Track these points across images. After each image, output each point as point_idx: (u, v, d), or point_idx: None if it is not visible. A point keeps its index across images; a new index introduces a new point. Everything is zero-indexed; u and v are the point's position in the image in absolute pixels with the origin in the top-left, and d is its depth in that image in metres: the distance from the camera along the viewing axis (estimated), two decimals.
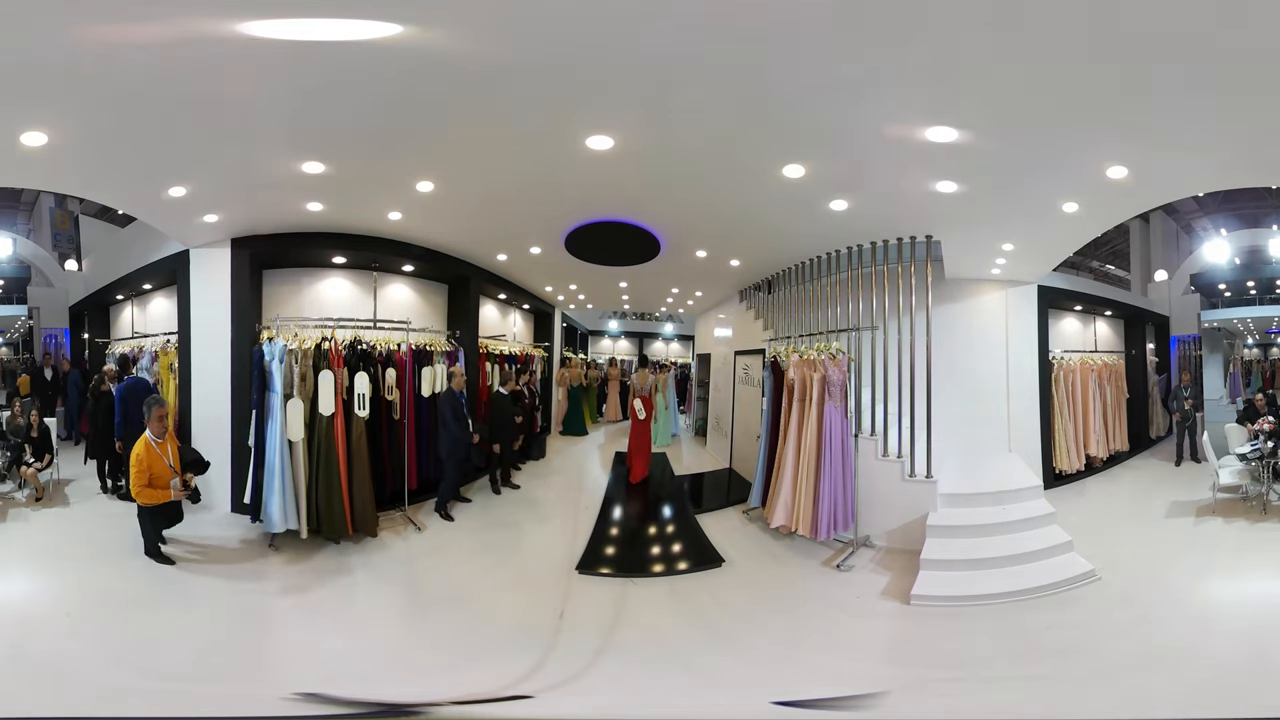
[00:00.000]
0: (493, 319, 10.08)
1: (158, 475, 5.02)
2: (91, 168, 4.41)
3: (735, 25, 2.72)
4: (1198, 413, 8.46)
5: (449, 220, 6.04)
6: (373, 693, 3.44)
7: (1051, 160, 4.07)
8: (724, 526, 6.46)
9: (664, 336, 19.61)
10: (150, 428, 5.08)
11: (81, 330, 9.31)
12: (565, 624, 4.37)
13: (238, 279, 6.21)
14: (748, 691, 3.65)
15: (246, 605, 4.56)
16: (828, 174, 4.46)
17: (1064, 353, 8.05)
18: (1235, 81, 2.97)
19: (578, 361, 14.18)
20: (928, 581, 4.83)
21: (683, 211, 5.62)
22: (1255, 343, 10.41)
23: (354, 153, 4.30)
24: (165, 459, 5.09)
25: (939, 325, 5.90)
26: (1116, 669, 3.74)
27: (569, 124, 3.80)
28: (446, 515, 6.42)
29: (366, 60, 2.99)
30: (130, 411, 6.31)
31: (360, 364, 6.16)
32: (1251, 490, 6.28)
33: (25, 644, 3.78)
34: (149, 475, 4.98)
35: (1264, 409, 7.56)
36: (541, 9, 2.66)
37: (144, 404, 5.20)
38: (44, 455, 6.68)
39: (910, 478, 5.75)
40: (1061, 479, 7.44)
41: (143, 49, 2.87)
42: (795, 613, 4.76)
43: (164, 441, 5.14)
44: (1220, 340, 9.90)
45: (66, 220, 9.85)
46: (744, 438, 8.67)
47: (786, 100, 3.40)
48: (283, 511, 5.40)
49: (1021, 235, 5.75)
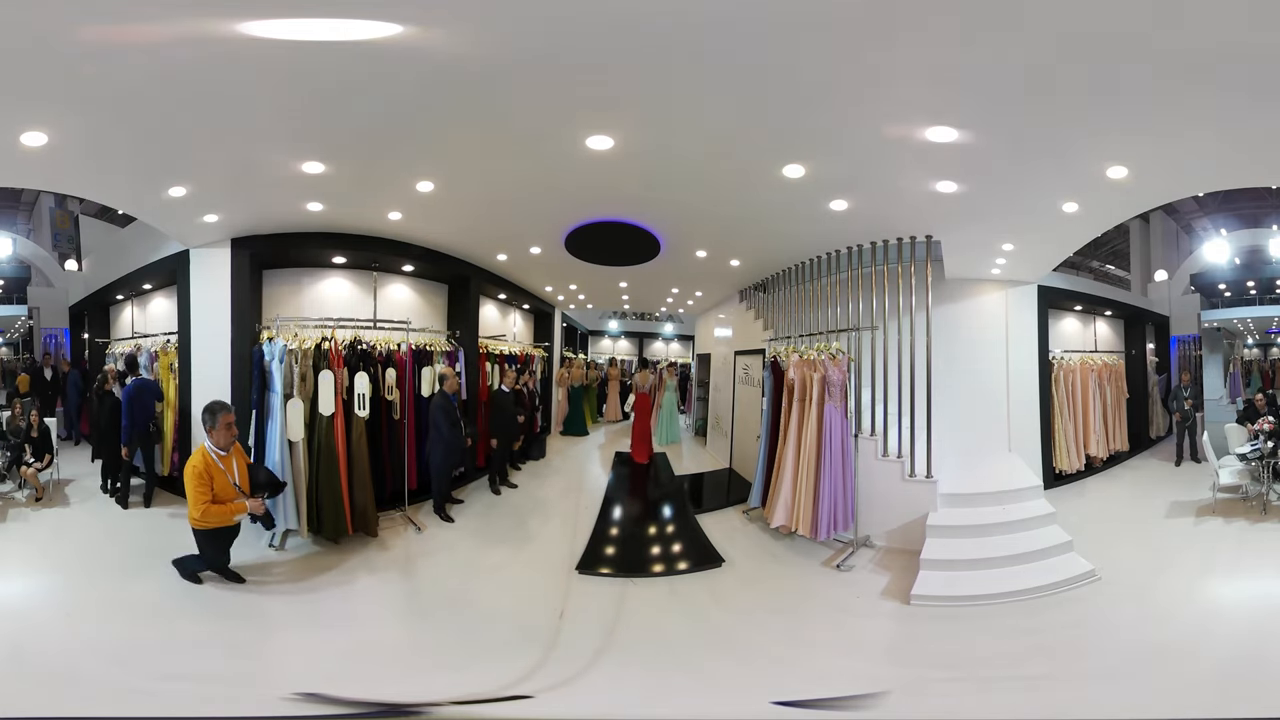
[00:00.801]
0: (493, 319, 10.08)
1: (221, 493, 4.35)
2: (91, 168, 4.40)
3: (735, 25, 2.72)
4: (1197, 413, 8.46)
5: (449, 220, 6.04)
6: (373, 693, 3.44)
7: (1051, 160, 4.07)
8: (724, 526, 6.46)
9: (664, 336, 19.62)
10: (214, 438, 4.42)
11: (81, 330, 9.32)
12: (565, 624, 4.37)
13: (238, 279, 6.21)
14: (748, 691, 3.65)
15: (246, 605, 4.56)
16: (828, 174, 4.46)
17: (1064, 353, 8.05)
18: (1235, 82, 2.97)
19: (578, 362, 14.18)
20: (928, 581, 4.83)
21: (683, 211, 5.62)
22: (1255, 343, 10.41)
23: (354, 153, 4.30)
24: (230, 476, 4.45)
25: (939, 325, 5.90)
26: (1116, 669, 3.74)
27: (569, 124, 3.79)
28: (446, 516, 6.42)
29: (366, 60, 2.99)
30: (136, 414, 6.32)
31: (360, 364, 6.16)
32: (1251, 490, 6.28)
33: (25, 644, 3.78)
34: (211, 493, 4.30)
35: (1264, 409, 7.56)
36: (541, 9, 2.66)
37: (206, 410, 4.54)
38: (44, 455, 6.68)
39: (910, 478, 5.75)
40: (1061, 479, 7.44)
41: (143, 49, 2.87)
42: (795, 613, 4.76)
43: (228, 455, 4.50)
44: (1220, 340, 9.90)
45: (66, 220, 9.85)
46: (744, 438, 8.68)
47: (786, 100, 3.40)
48: (283, 511, 5.40)
49: (1021, 235, 5.74)
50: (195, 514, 4.36)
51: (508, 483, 7.84)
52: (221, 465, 4.46)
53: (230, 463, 4.53)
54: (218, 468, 4.44)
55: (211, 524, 4.41)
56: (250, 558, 5.34)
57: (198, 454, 4.43)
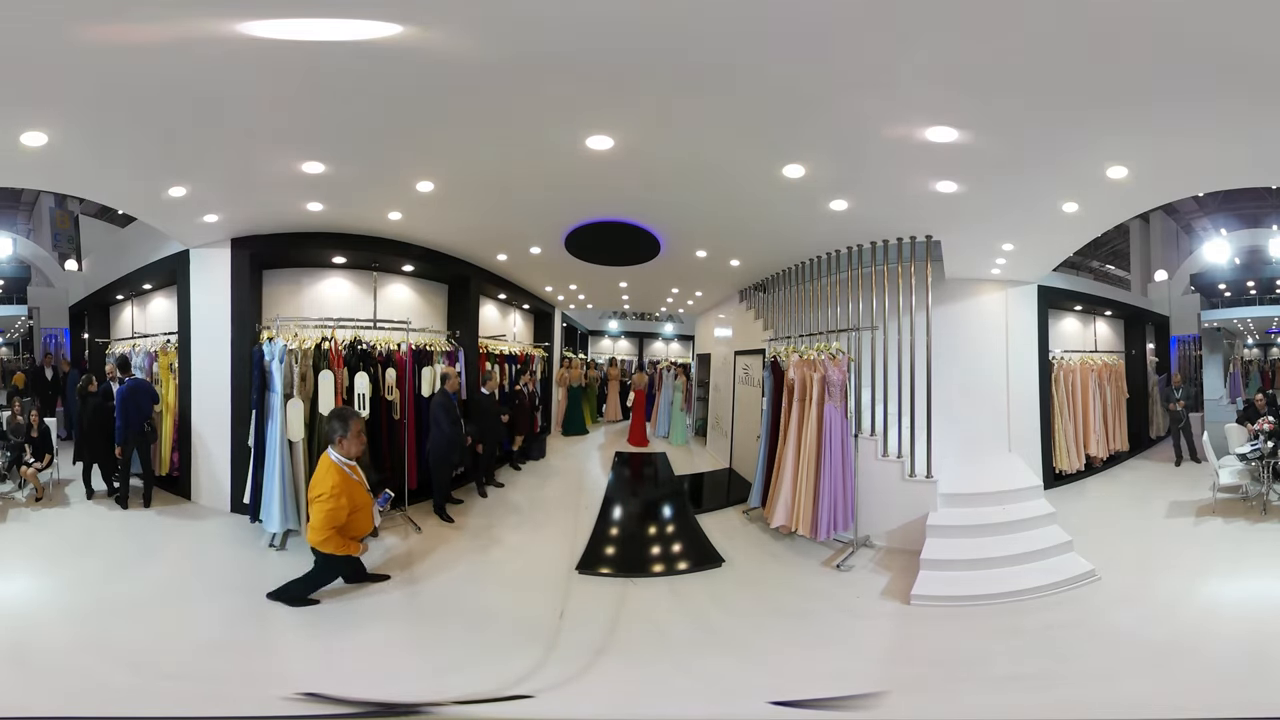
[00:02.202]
0: (493, 319, 10.08)
1: (360, 504, 3.95)
2: (91, 168, 4.40)
3: (736, 25, 2.72)
4: (1191, 413, 8.45)
5: (449, 220, 6.04)
6: (373, 693, 3.44)
7: (1051, 160, 4.07)
8: (724, 526, 6.46)
9: (664, 336, 19.61)
10: (344, 448, 3.98)
11: (81, 330, 9.32)
12: (565, 624, 4.37)
13: (238, 279, 6.21)
14: (747, 691, 3.64)
15: (246, 605, 4.56)
16: (828, 174, 4.46)
17: (1064, 353, 8.05)
18: (1236, 81, 2.98)
19: (578, 362, 14.19)
20: (928, 581, 4.83)
21: (683, 211, 5.62)
22: (1255, 343, 10.41)
23: (354, 153, 4.30)
24: (365, 487, 4.06)
25: (939, 325, 5.90)
26: (1116, 669, 3.74)
27: (569, 124, 3.80)
28: (445, 517, 6.41)
29: (367, 60, 2.99)
30: (130, 414, 6.30)
31: (360, 364, 6.16)
32: (1251, 490, 6.28)
33: (25, 644, 3.78)
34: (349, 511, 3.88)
35: (1264, 409, 7.56)
36: (541, 9, 2.66)
37: (336, 418, 4.14)
38: (44, 455, 6.68)
39: (910, 478, 5.75)
40: (1061, 479, 7.44)
41: (143, 49, 2.87)
42: (795, 612, 4.75)
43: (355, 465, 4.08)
44: (1220, 340, 9.90)
45: (66, 220, 9.86)
46: (744, 438, 8.68)
47: (787, 100, 3.40)
48: (282, 511, 5.41)
49: (1021, 235, 5.75)
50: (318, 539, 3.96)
51: (494, 482, 7.82)
52: (355, 477, 4.03)
53: (356, 471, 4.13)
54: (352, 480, 4.00)
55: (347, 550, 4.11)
56: (250, 558, 5.36)
57: (331, 473, 3.91)
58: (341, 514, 3.89)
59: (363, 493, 4.11)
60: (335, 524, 3.90)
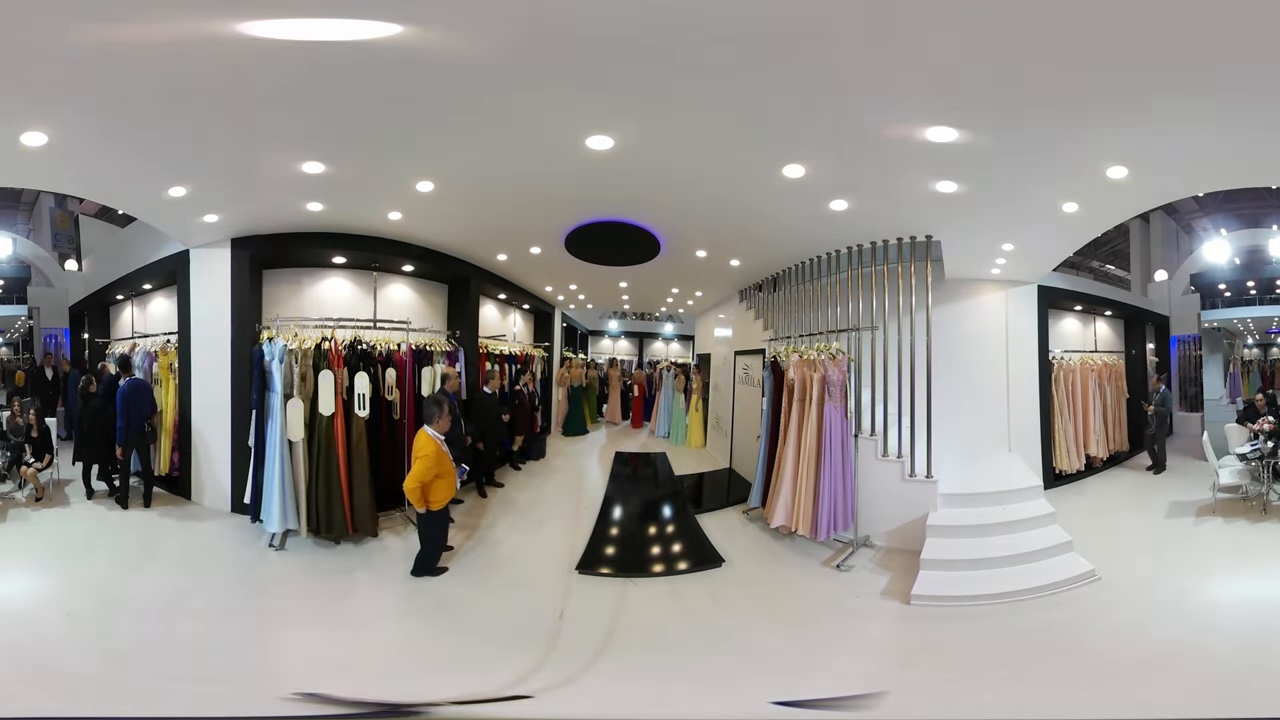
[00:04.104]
0: (493, 319, 10.08)
1: (445, 472, 4.98)
2: (91, 168, 4.41)
3: (736, 25, 2.72)
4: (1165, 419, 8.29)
5: (449, 220, 6.04)
6: (373, 693, 3.44)
7: (1051, 160, 4.07)
8: (724, 526, 6.46)
9: (664, 336, 19.61)
10: (438, 425, 5.03)
11: (81, 330, 9.33)
12: (565, 624, 4.37)
13: (238, 279, 6.22)
14: (747, 691, 3.65)
15: (246, 605, 4.56)
16: (828, 174, 4.46)
17: (1064, 353, 8.05)
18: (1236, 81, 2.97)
19: (578, 362, 14.18)
20: (928, 581, 4.83)
21: (683, 211, 5.62)
22: (1255, 343, 10.42)
23: (354, 153, 4.31)
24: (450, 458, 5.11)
25: (939, 325, 5.90)
26: (1116, 669, 3.74)
27: (569, 124, 3.80)
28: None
29: (367, 60, 2.99)
30: (130, 414, 6.30)
31: (360, 364, 6.15)
32: (1251, 490, 6.28)
33: (25, 644, 3.78)
34: (434, 474, 4.88)
35: (1264, 409, 7.56)
36: (541, 9, 2.66)
37: (434, 403, 5.15)
38: (44, 455, 6.68)
39: (910, 478, 5.75)
40: (1061, 479, 7.44)
41: (143, 49, 2.87)
42: (795, 612, 4.76)
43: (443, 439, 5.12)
44: (1220, 340, 9.90)
45: (66, 220, 9.87)
46: (744, 438, 8.67)
47: (787, 100, 3.39)
48: (283, 511, 5.41)
49: (1021, 235, 5.75)
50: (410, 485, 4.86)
51: (494, 482, 7.82)
52: (445, 448, 5.07)
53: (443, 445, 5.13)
54: (442, 450, 5.02)
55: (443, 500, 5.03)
56: (250, 558, 5.36)
57: (431, 442, 4.96)
58: (429, 473, 4.86)
59: (448, 461, 5.07)
60: (424, 479, 4.84)
